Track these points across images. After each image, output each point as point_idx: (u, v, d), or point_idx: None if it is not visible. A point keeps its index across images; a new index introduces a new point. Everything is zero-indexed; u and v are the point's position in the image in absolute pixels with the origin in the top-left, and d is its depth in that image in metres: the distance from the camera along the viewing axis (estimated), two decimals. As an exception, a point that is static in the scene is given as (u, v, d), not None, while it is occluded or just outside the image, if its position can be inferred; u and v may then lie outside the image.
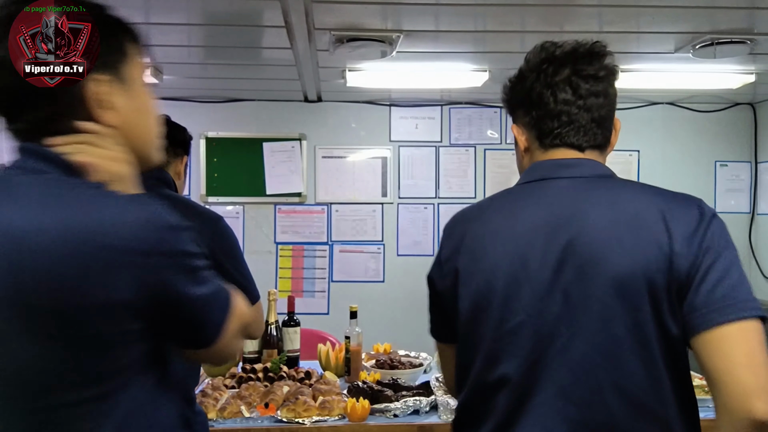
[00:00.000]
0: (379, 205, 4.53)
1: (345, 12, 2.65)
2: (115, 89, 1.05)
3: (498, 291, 1.18)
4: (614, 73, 1.30)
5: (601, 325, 1.12)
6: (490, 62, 3.53)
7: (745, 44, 2.98)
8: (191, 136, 1.95)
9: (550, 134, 1.25)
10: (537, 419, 1.15)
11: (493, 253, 1.20)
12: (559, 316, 1.13)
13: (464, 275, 1.24)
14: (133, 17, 1.20)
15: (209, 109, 4.43)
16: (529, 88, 1.28)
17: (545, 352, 1.14)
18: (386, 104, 4.48)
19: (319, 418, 2.04)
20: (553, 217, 1.17)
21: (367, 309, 4.21)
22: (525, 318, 1.15)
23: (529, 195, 1.24)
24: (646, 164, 4.62)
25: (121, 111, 1.04)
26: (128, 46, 1.12)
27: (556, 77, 1.25)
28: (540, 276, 1.15)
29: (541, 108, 1.25)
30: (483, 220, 1.26)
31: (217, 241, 1.66)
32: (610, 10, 2.68)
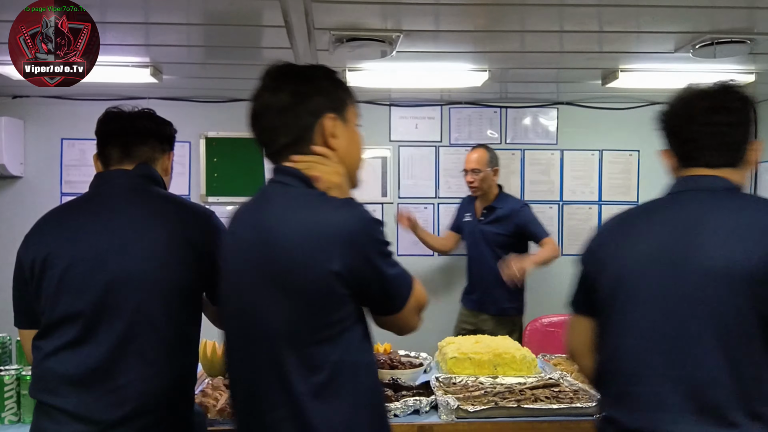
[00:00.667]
0: (379, 205, 4.53)
1: (345, 12, 2.65)
2: (339, 125, 1.46)
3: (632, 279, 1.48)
4: (747, 103, 1.68)
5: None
6: (490, 62, 3.53)
7: (745, 44, 2.98)
8: (176, 131, 1.91)
9: (686, 156, 1.60)
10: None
11: (630, 248, 1.51)
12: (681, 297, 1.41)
13: (603, 263, 1.57)
14: (133, 17, 1.19)
15: (209, 109, 4.43)
16: (673, 120, 1.71)
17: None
18: (386, 104, 4.48)
19: (319, 418, 2.04)
20: (679, 220, 1.47)
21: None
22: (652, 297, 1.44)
23: (666, 203, 1.58)
24: (646, 164, 4.62)
25: (341, 141, 1.47)
26: (348, 99, 1.54)
27: (694, 111, 1.64)
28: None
29: (680, 135, 1.65)
30: (626, 221, 1.62)
31: (212, 235, 1.65)
32: (610, 9, 2.68)
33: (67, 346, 1.54)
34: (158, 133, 1.80)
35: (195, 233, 1.64)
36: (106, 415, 1.51)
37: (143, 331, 1.55)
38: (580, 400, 2.15)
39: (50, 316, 1.57)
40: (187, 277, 1.62)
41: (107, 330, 1.54)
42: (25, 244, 1.66)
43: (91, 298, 1.54)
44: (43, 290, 1.58)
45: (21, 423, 2.05)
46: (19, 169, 4.31)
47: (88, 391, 1.52)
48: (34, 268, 1.59)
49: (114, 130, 1.78)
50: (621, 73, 3.61)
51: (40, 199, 4.29)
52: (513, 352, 2.58)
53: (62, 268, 1.57)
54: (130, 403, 1.52)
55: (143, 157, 1.76)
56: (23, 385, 2.04)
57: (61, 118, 4.38)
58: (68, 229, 1.63)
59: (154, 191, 1.72)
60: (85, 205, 1.71)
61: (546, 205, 4.61)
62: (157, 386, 1.55)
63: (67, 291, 1.56)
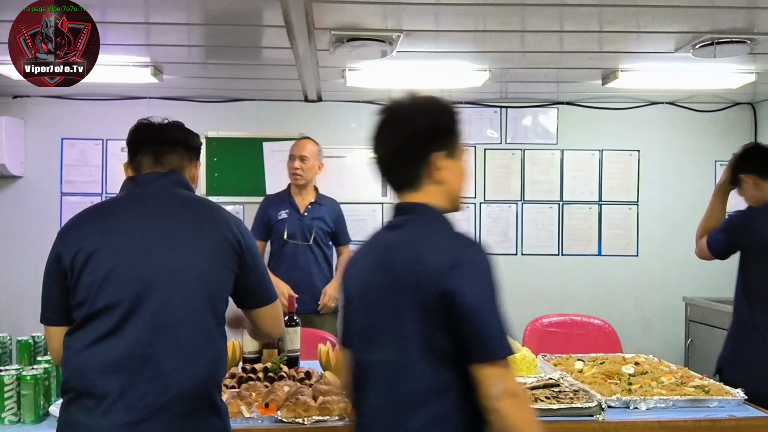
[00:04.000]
0: (379, 205, 4.53)
1: (345, 12, 2.65)
2: (446, 159, 1.56)
3: None
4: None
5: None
6: (490, 62, 3.53)
7: (745, 44, 2.98)
8: (201, 142, 2.01)
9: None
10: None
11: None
12: None
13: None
14: (133, 17, 1.19)
15: (209, 109, 4.43)
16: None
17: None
18: (386, 104, 4.47)
19: (319, 418, 2.04)
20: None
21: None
22: None
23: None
24: (646, 164, 4.62)
25: (448, 172, 1.56)
26: (458, 136, 1.61)
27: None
28: None
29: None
30: None
31: (246, 242, 1.75)
32: (610, 9, 2.68)
33: (109, 333, 1.57)
34: (186, 143, 1.87)
35: (234, 235, 1.72)
36: (150, 401, 1.53)
37: (188, 320, 1.61)
38: (580, 400, 2.15)
39: (92, 307, 1.59)
40: (228, 274, 1.70)
41: (151, 318, 1.57)
42: (62, 240, 1.68)
43: (138, 287, 1.58)
44: (84, 281, 1.60)
45: (21, 423, 2.04)
46: (20, 168, 4.31)
47: (131, 377, 1.54)
48: (76, 261, 1.61)
49: (146, 138, 1.83)
50: (621, 73, 3.62)
51: (40, 199, 4.29)
52: (513, 352, 2.58)
53: (108, 260, 1.60)
54: (173, 389, 1.55)
55: (172, 164, 1.82)
56: (23, 385, 2.03)
57: (61, 118, 4.38)
58: (112, 223, 1.67)
59: (189, 195, 1.80)
60: (126, 202, 1.76)
61: (546, 205, 4.61)
62: (198, 373, 1.60)
63: (114, 280, 1.59)
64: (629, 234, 4.63)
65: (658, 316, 4.64)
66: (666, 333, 4.61)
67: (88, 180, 4.40)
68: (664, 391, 2.26)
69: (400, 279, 1.46)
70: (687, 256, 4.60)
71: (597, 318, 3.77)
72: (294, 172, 3.78)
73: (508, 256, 4.58)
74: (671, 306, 4.58)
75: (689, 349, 4.33)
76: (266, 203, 3.88)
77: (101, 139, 4.40)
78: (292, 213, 3.76)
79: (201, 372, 1.61)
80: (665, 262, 4.64)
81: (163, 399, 1.54)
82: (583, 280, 4.58)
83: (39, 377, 2.05)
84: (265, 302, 1.82)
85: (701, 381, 2.38)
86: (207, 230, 1.70)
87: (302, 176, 3.78)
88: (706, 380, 2.39)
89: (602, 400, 2.12)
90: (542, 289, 4.57)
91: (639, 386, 2.34)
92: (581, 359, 2.75)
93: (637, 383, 2.37)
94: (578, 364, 2.65)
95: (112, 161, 4.41)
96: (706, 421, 2.10)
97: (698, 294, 4.40)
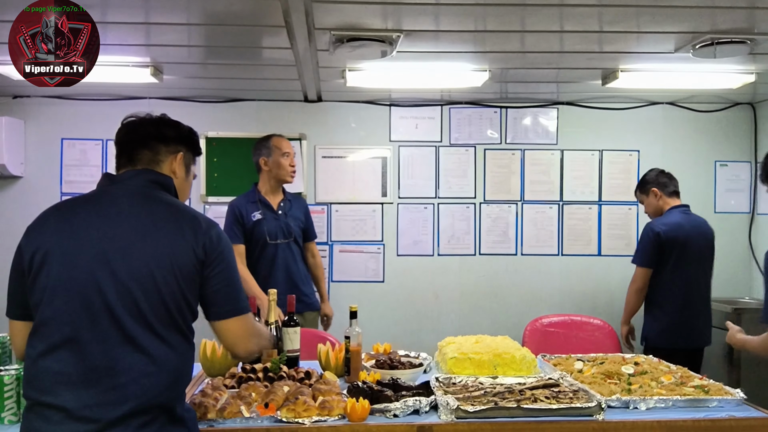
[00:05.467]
0: (379, 205, 4.53)
1: (345, 12, 2.65)
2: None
3: None
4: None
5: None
6: (490, 62, 3.53)
7: (745, 44, 2.98)
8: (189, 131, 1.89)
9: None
10: None
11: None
12: None
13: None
14: (133, 17, 1.19)
15: (209, 109, 4.43)
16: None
17: None
18: (386, 104, 4.48)
19: (319, 418, 2.04)
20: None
21: (367, 309, 4.21)
22: None
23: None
24: (646, 164, 4.61)
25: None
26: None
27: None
28: None
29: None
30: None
31: (213, 247, 1.68)
32: (610, 9, 2.68)
33: (64, 343, 1.55)
34: (159, 136, 1.80)
35: (197, 241, 1.66)
36: (106, 414, 1.51)
37: (142, 331, 1.57)
38: (579, 400, 2.15)
39: (46, 312, 1.57)
40: (185, 281, 1.64)
41: (107, 329, 1.55)
42: (27, 236, 1.67)
43: (91, 296, 1.56)
44: (39, 284, 1.59)
45: (21, 423, 2.05)
46: (20, 169, 4.31)
47: (87, 389, 1.52)
48: (34, 261, 1.61)
49: (119, 138, 1.82)
50: (621, 73, 3.62)
51: (40, 199, 4.29)
52: (513, 352, 2.58)
53: (62, 265, 1.58)
54: (131, 401, 1.53)
55: (145, 160, 1.78)
56: (23, 385, 2.04)
57: (61, 118, 4.38)
58: (72, 226, 1.64)
59: (159, 196, 1.73)
60: (91, 203, 1.71)
61: (546, 205, 4.61)
62: (156, 384, 1.57)
63: (67, 287, 1.57)
64: (629, 234, 4.63)
65: (658, 316, 4.64)
66: (666, 333, 4.61)
67: (88, 180, 4.40)
68: (663, 391, 2.26)
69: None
70: (687, 256, 4.62)
71: (597, 318, 3.77)
72: (293, 170, 3.69)
73: (508, 256, 4.58)
74: (671, 306, 4.58)
75: (689, 349, 4.32)
76: (237, 205, 3.64)
77: (101, 139, 4.40)
78: (266, 213, 3.63)
79: (159, 383, 1.57)
80: (665, 262, 4.64)
81: (120, 411, 1.52)
82: (583, 280, 4.58)
83: (39, 377, 2.04)
84: (229, 314, 1.71)
85: (701, 381, 2.38)
86: (165, 237, 1.64)
87: (295, 174, 3.73)
88: (706, 380, 2.39)
89: (602, 400, 2.12)
90: (542, 289, 4.57)
91: (639, 386, 2.34)
92: (581, 359, 2.75)
93: (637, 383, 2.37)
94: (578, 364, 2.65)
95: (112, 161, 4.36)
96: (706, 421, 2.10)
97: (698, 294, 4.39)
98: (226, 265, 1.71)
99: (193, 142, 1.89)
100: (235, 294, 1.72)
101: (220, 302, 1.71)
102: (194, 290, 1.67)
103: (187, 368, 1.68)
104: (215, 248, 1.68)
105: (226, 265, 1.71)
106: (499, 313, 4.54)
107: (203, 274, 1.66)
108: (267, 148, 3.65)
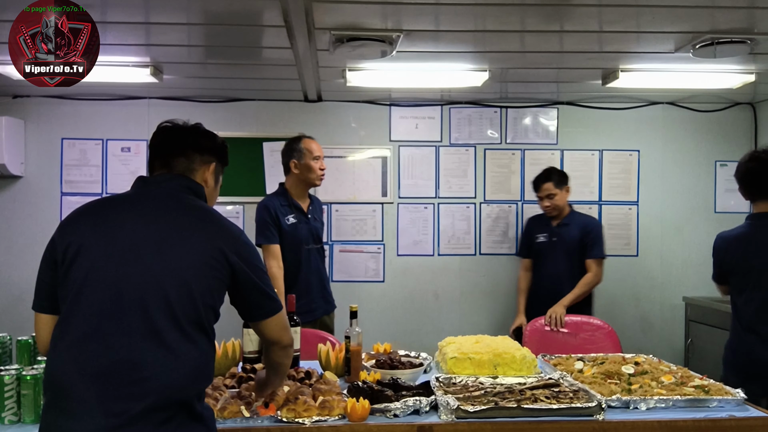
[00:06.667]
0: (379, 204, 4.53)
1: (345, 12, 2.65)
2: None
3: None
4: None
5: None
6: (490, 62, 3.53)
7: (745, 44, 2.98)
8: (222, 144, 1.99)
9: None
10: None
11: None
12: None
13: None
14: (133, 17, 1.19)
15: (209, 109, 4.43)
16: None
17: None
18: (386, 104, 4.48)
19: (319, 418, 2.04)
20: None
21: (367, 309, 4.21)
22: None
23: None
24: (646, 164, 4.62)
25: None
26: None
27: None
28: None
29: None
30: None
31: (244, 254, 1.73)
32: (610, 9, 2.68)
33: (89, 336, 1.56)
34: (195, 146, 1.87)
35: (227, 244, 1.71)
36: (128, 408, 1.52)
37: (169, 326, 1.59)
38: (580, 400, 2.15)
39: (74, 305, 1.59)
40: (214, 281, 1.68)
41: (133, 322, 1.57)
42: (61, 230, 1.69)
43: (122, 289, 1.58)
44: (72, 276, 1.60)
45: (21, 423, 2.04)
46: (20, 168, 4.31)
47: (109, 382, 1.53)
48: (67, 253, 1.62)
49: (156, 143, 1.86)
50: (621, 73, 3.62)
51: (40, 199, 4.29)
52: (513, 352, 2.58)
53: (96, 257, 1.60)
54: (152, 395, 1.54)
55: (180, 167, 1.83)
56: (23, 385, 2.03)
57: (61, 118, 4.38)
58: (107, 221, 1.68)
59: (191, 200, 1.78)
60: (127, 201, 1.76)
61: (546, 205, 4.61)
62: (178, 380, 1.58)
63: (99, 280, 1.59)
64: (629, 234, 4.63)
65: (658, 316, 4.65)
66: (666, 333, 4.62)
67: (88, 180, 4.40)
68: (664, 391, 2.26)
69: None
70: (687, 256, 4.63)
71: (597, 318, 3.77)
72: (322, 174, 3.55)
73: (508, 256, 4.58)
74: (671, 306, 4.59)
75: (689, 349, 4.33)
76: (270, 206, 3.49)
77: (101, 139, 4.40)
78: (299, 217, 3.53)
79: (180, 379, 1.58)
80: (665, 262, 4.64)
81: (141, 405, 1.52)
82: (583, 280, 4.57)
83: (39, 377, 2.04)
84: (270, 313, 1.81)
85: (701, 381, 2.38)
86: (199, 238, 1.68)
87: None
88: (706, 380, 2.39)
89: (602, 400, 2.11)
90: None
91: (639, 386, 2.34)
92: (581, 359, 2.75)
93: (637, 383, 2.37)
94: (578, 364, 2.65)
95: (112, 161, 4.41)
96: (706, 421, 2.10)
97: (698, 294, 4.40)
98: (260, 270, 1.78)
99: (224, 154, 1.97)
100: (268, 294, 1.80)
101: (258, 305, 1.79)
102: (221, 293, 1.72)
103: (208, 367, 1.71)
104: (247, 256, 1.74)
105: (259, 269, 1.78)
106: (499, 313, 4.54)
107: (235, 275, 1.71)
108: (298, 151, 3.52)
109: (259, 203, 3.56)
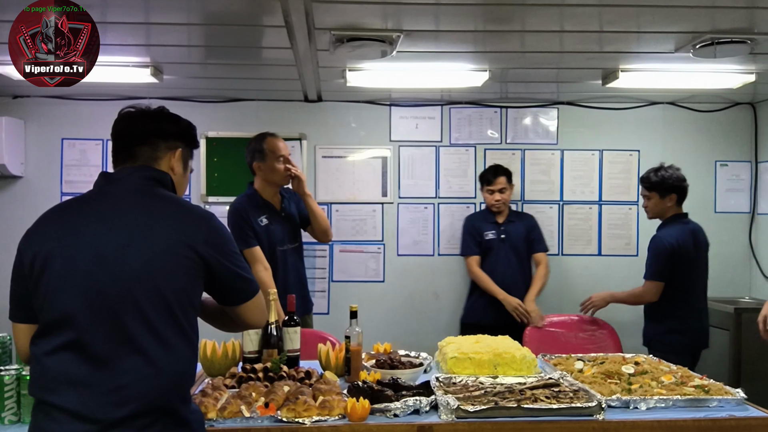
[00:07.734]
0: (379, 204, 4.53)
1: (345, 12, 2.65)
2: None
3: None
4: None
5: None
6: (490, 62, 3.53)
7: (745, 44, 2.98)
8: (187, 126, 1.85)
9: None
10: None
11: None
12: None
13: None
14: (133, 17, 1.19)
15: (209, 109, 4.43)
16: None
17: None
18: (386, 104, 4.48)
19: (319, 417, 2.04)
20: None
21: (367, 309, 4.21)
22: None
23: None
24: (646, 164, 4.60)
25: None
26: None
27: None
28: None
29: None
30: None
31: (211, 239, 1.67)
32: (610, 9, 2.68)
33: (67, 345, 1.54)
34: (159, 131, 1.78)
35: (195, 236, 1.65)
36: (108, 415, 1.51)
37: (144, 332, 1.56)
38: (580, 400, 2.15)
39: (49, 315, 1.57)
40: (186, 278, 1.63)
41: (108, 330, 1.54)
42: (27, 239, 1.67)
43: (92, 298, 1.55)
44: (42, 287, 1.58)
45: (21, 423, 2.05)
46: (20, 169, 4.31)
47: (89, 390, 1.52)
48: (35, 264, 1.60)
49: (117, 131, 1.79)
50: (621, 73, 3.62)
51: (40, 199, 4.29)
52: (513, 352, 2.58)
53: (62, 267, 1.57)
54: (132, 402, 1.52)
55: (144, 156, 1.76)
56: (23, 385, 2.03)
57: (61, 118, 4.38)
58: (70, 227, 1.63)
59: (156, 192, 1.72)
60: (89, 203, 1.71)
61: (546, 205, 4.61)
62: (158, 386, 1.56)
63: (67, 290, 1.56)
64: (629, 234, 4.63)
65: (658, 316, 4.64)
66: (666, 333, 4.61)
67: (88, 180, 4.33)
68: (664, 391, 2.26)
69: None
70: (687, 256, 4.62)
71: (597, 318, 3.77)
72: (287, 175, 3.42)
73: (508, 256, 4.58)
74: (671, 306, 4.58)
75: (689, 349, 4.32)
76: (240, 209, 3.38)
77: (101, 139, 4.40)
78: (272, 218, 3.43)
79: (161, 386, 1.56)
80: (665, 262, 4.64)
81: (122, 412, 1.51)
82: (583, 280, 4.58)
83: (39, 377, 2.05)
84: (247, 298, 1.76)
85: (701, 381, 2.38)
86: (165, 236, 1.62)
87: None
88: (706, 380, 2.39)
89: (602, 400, 2.12)
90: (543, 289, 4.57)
91: (639, 386, 2.34)
92: (581, 359, 2.75)
93: (637, 383, 2.37)
94: (578, 364, 2.65)
95: (111, 161, 4.41)
96: (706, 421, 2.10)
97: (698, 294, 4.40)
98: (230, 253, 1.71)
99: (191, 137, 1.86)
100: (245, 277, 1.74)
101: (237, 289, 1.74)
102: (196, 285, 1.66)
103: (190, 370, 1.67)
104: (218, 242, 1.67)
105: (229, 253, 1.70)
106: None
107: (208, 267, 1.65)
108: (260, 152, 3.41)
109: (229, 207, 3.46)
